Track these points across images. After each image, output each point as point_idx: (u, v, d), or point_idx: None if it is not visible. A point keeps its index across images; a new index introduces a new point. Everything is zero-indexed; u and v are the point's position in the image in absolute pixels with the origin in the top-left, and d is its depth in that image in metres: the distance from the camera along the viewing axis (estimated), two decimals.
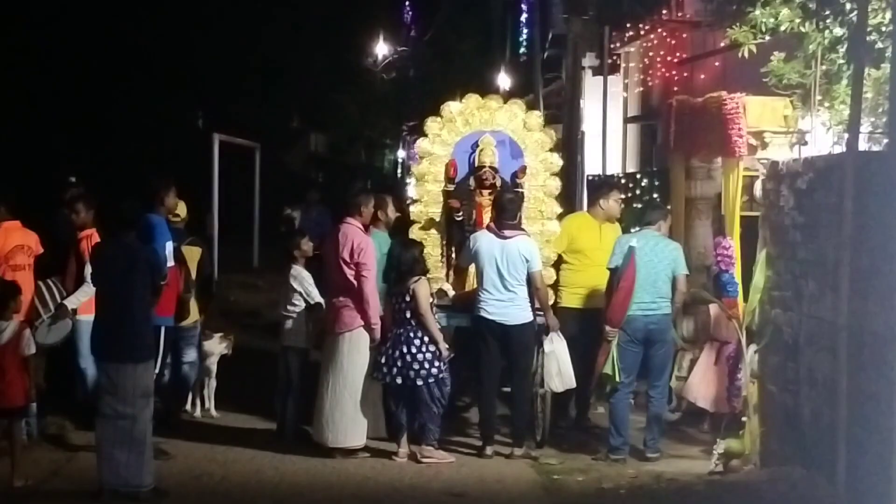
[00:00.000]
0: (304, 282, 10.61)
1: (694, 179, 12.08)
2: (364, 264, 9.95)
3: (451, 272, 11.15)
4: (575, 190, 18.37)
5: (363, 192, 10.96)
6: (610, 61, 20.85)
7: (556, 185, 11.41)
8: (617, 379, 10.09)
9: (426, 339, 9.86)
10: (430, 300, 10.04)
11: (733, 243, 10.43)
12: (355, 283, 9.94)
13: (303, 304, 10.59)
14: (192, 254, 10.95)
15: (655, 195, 13.95)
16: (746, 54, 10.57)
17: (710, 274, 11.04)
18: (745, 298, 9.64)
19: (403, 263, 9.94)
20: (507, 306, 10.06)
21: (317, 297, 10.58)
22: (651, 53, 18.83)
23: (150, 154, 22.79)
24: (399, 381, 9.89)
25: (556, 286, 11.06)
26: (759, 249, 9.31)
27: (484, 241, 10.11)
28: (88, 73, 22.70)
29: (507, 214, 10.14)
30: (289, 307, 10.66)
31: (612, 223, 11.26)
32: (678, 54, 17.76)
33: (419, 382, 9.87)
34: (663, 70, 18.08)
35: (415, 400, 10.01)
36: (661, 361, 10.21)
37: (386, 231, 11.09)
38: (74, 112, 22.66)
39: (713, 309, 10.62)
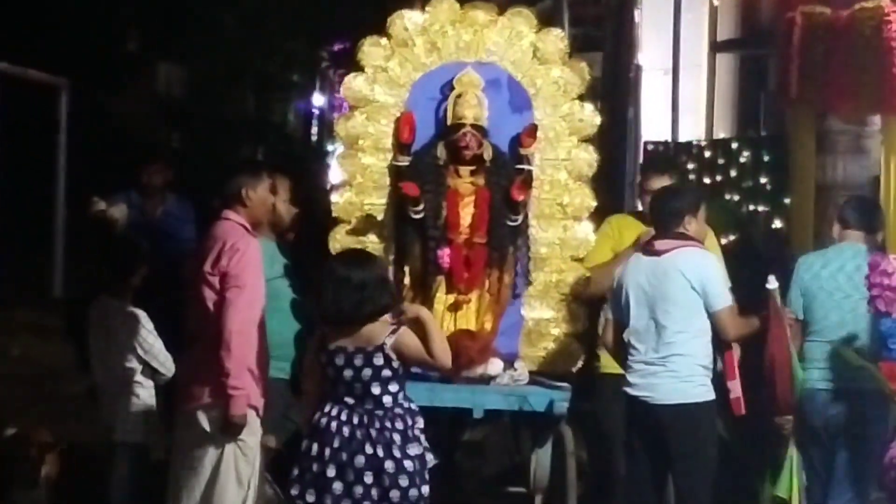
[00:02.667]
0: (136, 328, 8.15)
1: (832, 153, 9.97)
2: (235, 277, 7.01)
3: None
4: (623, 168, 14.89)
5: (250, 168, 8.06)
6: None
7: (588, 158, 8.80)
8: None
9: (410, 430, 6.96)
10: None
11: None
12: (214, 310, 7.03)
13: (139, 368, 8.25)
14: None
15: (765, 181, 11.31)
16: None
17: None
18: None
19: (360, 293, 6.97)
20: (659, 373, 7.54)
21: (160, 353, 8.12)
22: None
23: None
24: None
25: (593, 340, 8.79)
26: None
27: (630, 264, 7.86)
28: None
29: (672, 220, 7.73)
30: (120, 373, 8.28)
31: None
32: None
33: None
34: None
35: None
36: (848, 464, 7.93)
37: (273, 239, 8.37)
38: None
39: None
